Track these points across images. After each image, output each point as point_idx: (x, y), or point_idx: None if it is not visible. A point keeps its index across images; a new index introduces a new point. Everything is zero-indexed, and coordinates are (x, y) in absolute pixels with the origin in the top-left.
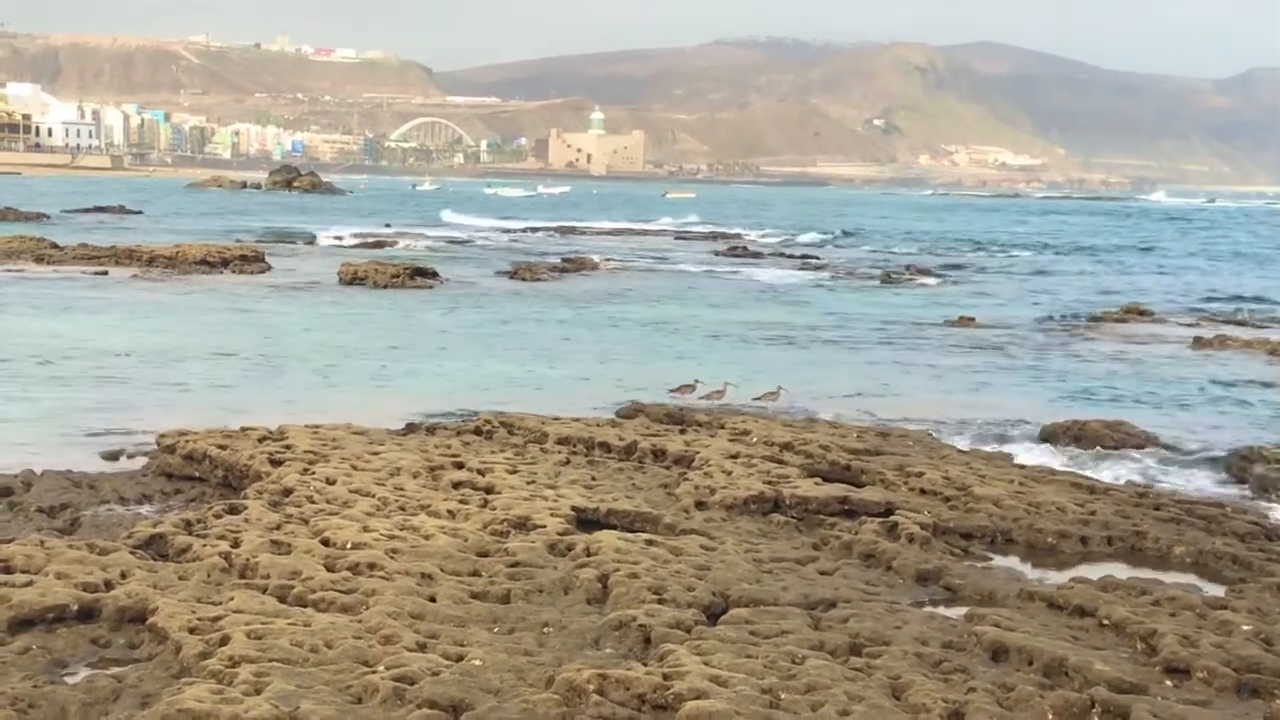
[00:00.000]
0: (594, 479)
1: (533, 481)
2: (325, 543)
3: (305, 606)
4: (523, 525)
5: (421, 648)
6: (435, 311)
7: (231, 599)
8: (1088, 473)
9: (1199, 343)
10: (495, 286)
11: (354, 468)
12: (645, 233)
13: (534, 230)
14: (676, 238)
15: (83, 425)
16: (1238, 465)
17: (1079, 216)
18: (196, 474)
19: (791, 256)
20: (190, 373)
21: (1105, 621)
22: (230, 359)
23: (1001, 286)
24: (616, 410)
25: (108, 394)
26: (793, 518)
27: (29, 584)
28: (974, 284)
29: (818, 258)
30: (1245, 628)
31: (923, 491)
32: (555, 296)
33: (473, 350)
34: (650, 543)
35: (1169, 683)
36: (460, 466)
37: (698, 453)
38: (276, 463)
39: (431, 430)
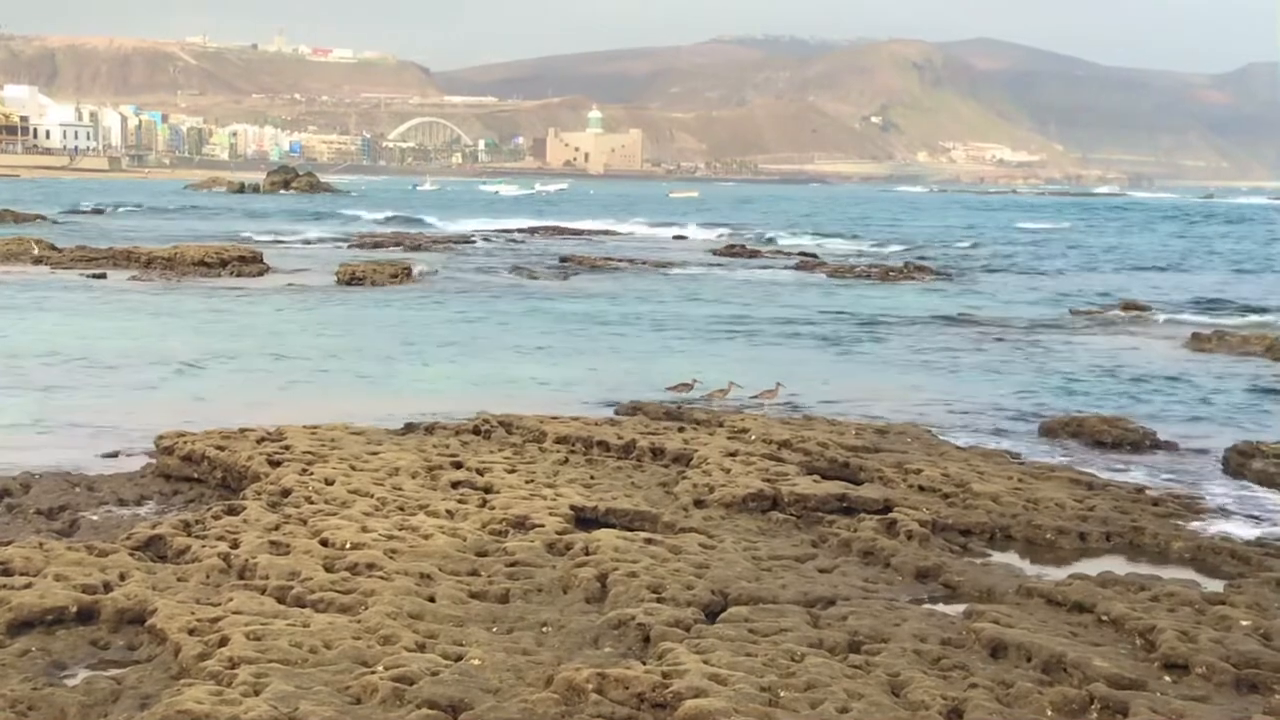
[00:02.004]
0: (592, 478)
1: (531, 481)
2: (324, 543)
3: (304, 607)
4: (521, 524)
5: (420, 648)
6: (433, 311)
7: (230, 600)
8: (1086, 469)
9: (1196, 339)
10: (494, 285)
11: (352, 468)
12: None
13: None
14: (675, 237)
15: (81, 427)
16: (1236, 460)
17: (1065, 213)
18: (195, 475)
19: (789, 254)
20: (188, 374)
21: (1104, 617)
22: (228, 360)
23: (998, 283)
24: (615, 409)
25: (106, 395)
26: (791, 515)
27: (28, 586)
28: (970, 281)
29: (815, 255)
30: (1244, 623)
31: (921, 488)
32: (555, 295)
33: (470, 349)
34: (649, 541)
35: (1168, 678)
36: (459, 466)
37: (696, 451)
38: (275, 463)
39: (430, 430)
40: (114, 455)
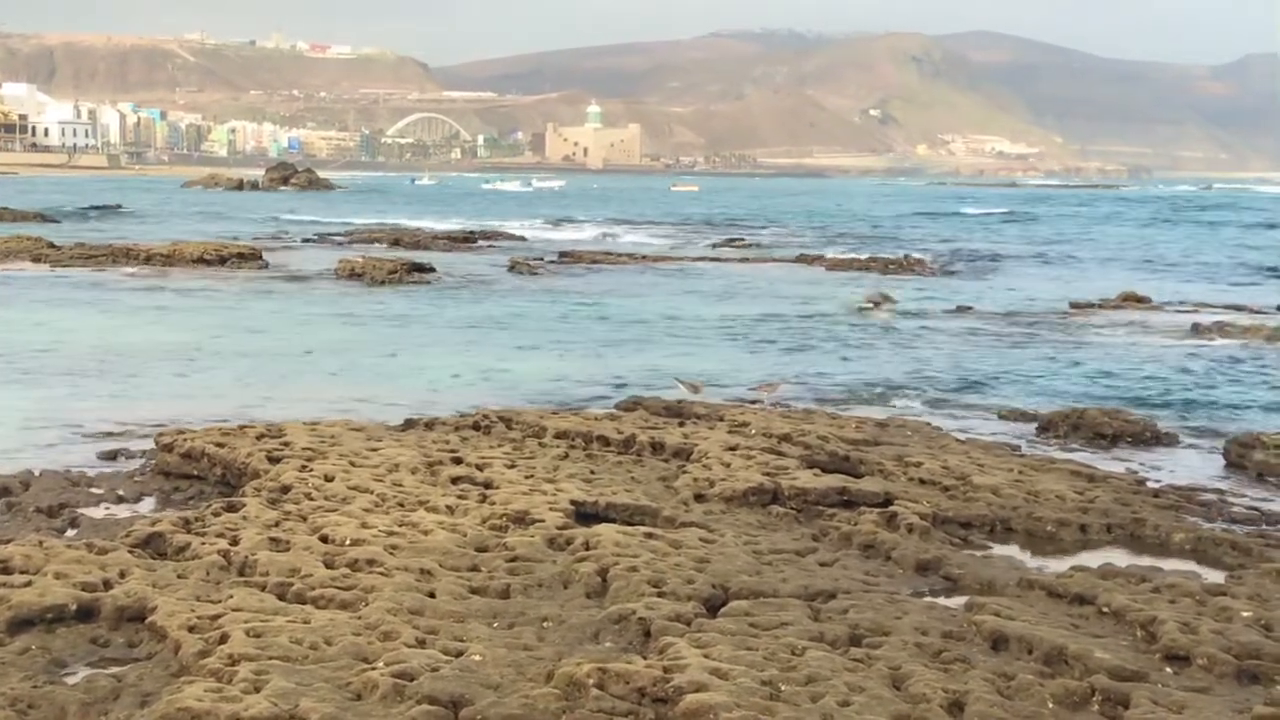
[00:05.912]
0: (593, 473)
1: (531, 476)
2: (324, 539)
3: (304, 604)
4: (521, 520)
5: (421, 644)
6: (432, 307)
7: (230, 597)
8: (1087, 461)
9: (1197, 329)
10: (493, 281)
11: (352, 464)
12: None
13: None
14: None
15: (80, 425)
16: (1237, 452)
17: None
18: (194, 472)
19: (788, 249)
20: (187, 371)
21: (1105, 609)
22: (227, 356)
23: (995, 277)
24: (615, 404)
25: (105, 393)
26: (792, 509)
27: (28, 584)
28: (968, 274)
29: (815, 250)
30: (1245, 614)
31: (921, 481)
32: (554, 291)
33: (469, 344)
34: (649, 536)
35: (1169, 670)
36: (459, 462)
37: (696, 445)
38: (274, 460)
39: (429, 426)
40: (113, 454)
